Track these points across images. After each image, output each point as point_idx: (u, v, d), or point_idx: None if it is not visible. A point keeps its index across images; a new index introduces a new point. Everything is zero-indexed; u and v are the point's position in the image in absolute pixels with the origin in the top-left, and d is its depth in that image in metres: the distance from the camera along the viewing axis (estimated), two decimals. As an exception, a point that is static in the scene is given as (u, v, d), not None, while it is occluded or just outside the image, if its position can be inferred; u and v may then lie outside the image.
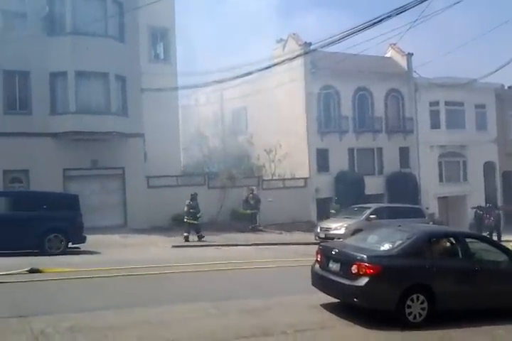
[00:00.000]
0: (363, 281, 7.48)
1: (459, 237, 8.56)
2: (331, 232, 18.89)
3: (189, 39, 69.11)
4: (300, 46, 26.65)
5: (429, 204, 28.45)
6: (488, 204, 26.88)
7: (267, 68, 22.12)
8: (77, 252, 14.91)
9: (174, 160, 26.63)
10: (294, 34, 28.81)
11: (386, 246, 8.18)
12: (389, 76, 29.34)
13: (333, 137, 28.01)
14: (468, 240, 8.56)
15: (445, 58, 58.90)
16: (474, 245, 8.58)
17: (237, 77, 21.98)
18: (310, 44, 24.17)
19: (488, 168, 32.37)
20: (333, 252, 8.37)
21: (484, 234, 23.22)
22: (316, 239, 19.10)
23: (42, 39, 20.66)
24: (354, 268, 7.64)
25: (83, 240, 15.19)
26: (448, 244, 8.51)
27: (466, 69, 61.89)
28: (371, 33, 19.78)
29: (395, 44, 29.66)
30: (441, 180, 30.88)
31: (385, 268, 7.55)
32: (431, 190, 29.80)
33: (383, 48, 31.70)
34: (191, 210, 19.62)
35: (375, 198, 26.61)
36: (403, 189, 27.80)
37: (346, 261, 7.90)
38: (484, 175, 32.16)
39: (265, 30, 72.48)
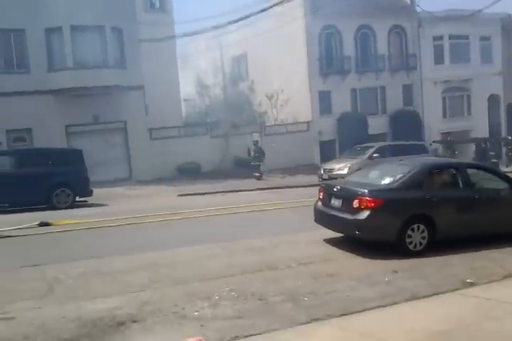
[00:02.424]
0: (365, 215, 7.61)
1: (460, 168, 8.58)
2: (334, 173, 18.91)
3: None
4: (298, -16, 25.63)
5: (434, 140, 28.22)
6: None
7: (265, 10, 21.51)
8: (84, 205, 15.21)
9: (175, 112, 26.50)
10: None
11: (387, 180, 8.25)
12: (391, 12, 28.33)
13: (335, 78, 27.50)
14: (469, 170, 8.59)
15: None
16: (475, 174, 8.62)
17: (235, 21, 21.50)
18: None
19: (493, 101, 31.87)
20: (335, 189, 8.47)
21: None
22: (319, 181, 19.13)
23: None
24: (355, 203, 7.75)
25: (90, 193, 15.45)
26: (448, 174, 8.54)
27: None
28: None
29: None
30: (444, 115, 30.53)
31: (385, 201, 7.65)
32: (434, 126, 29.53)
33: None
34: (257, 154, 22.53)
35: (379, 137, 26.53)
36: (407, 127, 27.59)
37: (348, 197, 8.01)
38: (488, 108, 31.69)
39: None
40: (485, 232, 8.29)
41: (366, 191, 7.78)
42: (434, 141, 26.09)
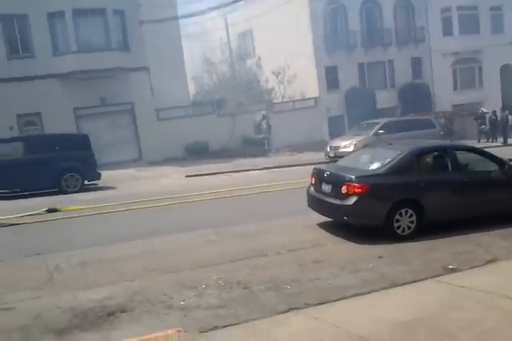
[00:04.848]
0: (352, 200, 7.77)
1: (448, 150, 8.62)
2: (341, 150, 18.95)
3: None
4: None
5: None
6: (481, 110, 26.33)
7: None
8: (93, 189, 15.64)
9: (182, 91, 26.66)
10: None
11: (375, 165, 8.37)
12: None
13: (341, 53, 27.26)
14: (458, 152, 8.64)
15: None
16: (464, 157, 8.67)
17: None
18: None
19: (505, 71, 31.30)
20: (325, 174, 8.62)
21: (500, 138, 23.52)
22: (326, 159, 19.32)
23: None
24: (343, 189, 7.90)
25: (98, 177, 15.86)
26: (436, 158, 8.59)
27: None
28: None
29: None
30: (455, 88, 30.21)
31: (372, 187, 7.78)
32: (445, 98, 29.23)
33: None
34: (266, 126, 24.77)
35: (388, 111, 26.41)
36: (416, 100, 27.43)
37: (337, 182, 8.16)
38: (501, 79, 31.18)
39: None
40: (474, 215, 8.38)
41: (353, 177, 7.91)
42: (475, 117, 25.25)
